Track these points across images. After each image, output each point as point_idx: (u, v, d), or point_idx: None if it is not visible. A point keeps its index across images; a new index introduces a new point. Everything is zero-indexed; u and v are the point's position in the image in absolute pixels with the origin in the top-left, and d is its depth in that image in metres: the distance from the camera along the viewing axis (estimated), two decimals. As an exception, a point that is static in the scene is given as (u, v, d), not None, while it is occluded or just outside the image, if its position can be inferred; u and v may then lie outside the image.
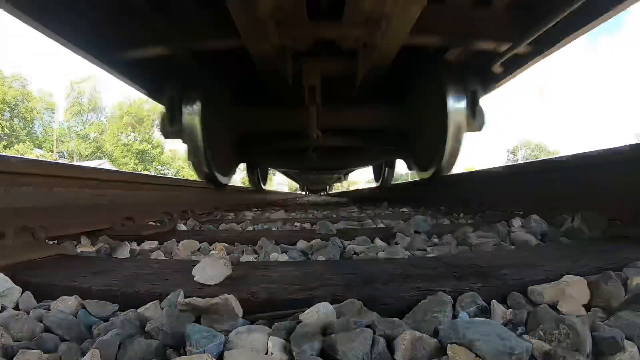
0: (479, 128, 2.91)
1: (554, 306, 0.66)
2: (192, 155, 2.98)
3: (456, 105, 2.75)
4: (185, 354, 0.55)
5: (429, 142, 3.17)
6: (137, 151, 35.82)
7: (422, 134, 3.33)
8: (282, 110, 3.42)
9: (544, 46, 2.67)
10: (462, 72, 2.87)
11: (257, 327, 0.62)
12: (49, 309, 0.71)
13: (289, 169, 7.66)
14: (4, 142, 31.05)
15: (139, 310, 0.68)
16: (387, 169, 6.21)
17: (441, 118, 2.81)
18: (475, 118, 2.82)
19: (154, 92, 3.33)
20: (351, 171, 9.31)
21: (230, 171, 3.77)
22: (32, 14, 2.07)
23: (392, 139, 3.87)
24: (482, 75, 2.93)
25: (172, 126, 2.82)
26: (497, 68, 2.84)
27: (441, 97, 2.75)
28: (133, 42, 2.58)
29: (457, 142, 2.87)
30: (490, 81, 3.21)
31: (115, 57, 2.70)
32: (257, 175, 6.06)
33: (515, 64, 2.93)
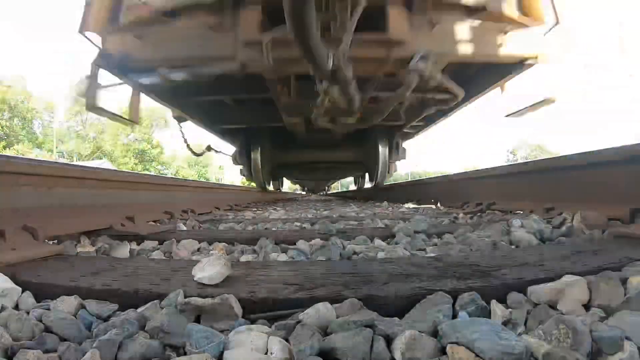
0: (401, 158, 5.94)
1: (553, 306, 0.66)
2: (254, 175, 5.90)
3: (383, 149, 5.46)
4: (185, 354, 0.56)
5: (372, 167, 5.93)
6: (136, 151, 35.83)
7: (370, 163, 5.99)
8: (298, 150, 6.24)
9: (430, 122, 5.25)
10: (390, 132, 5.41)
11: (256, 326, 0.62)
12: (49, 309, 0.71)
13: (300, 180, 13.26)
14: (3, 143, 31.02)
15: (138, 310, 0.68)
16: (360, 179, 10.00)
17: (376, 155, 5.53)
18: (398, 154, 5.68)
19: (237, 146, 6.06)
20: (338, 180, 16.50)
21: (270, 182, 7.57)
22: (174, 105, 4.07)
23: (357, 165, 6.70)
24: (401, 132, 5.58)
25: (242, 158, 5.86)
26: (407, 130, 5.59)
27: (377, 145, 5.51)
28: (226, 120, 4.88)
29: (385, 168, 5.62)
30: (406, 136, 6.14)
31: (218, 127, 5.20)
32: (278, 183, 10.13)
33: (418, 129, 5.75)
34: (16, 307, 0.75)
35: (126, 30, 2.67)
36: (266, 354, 0.55)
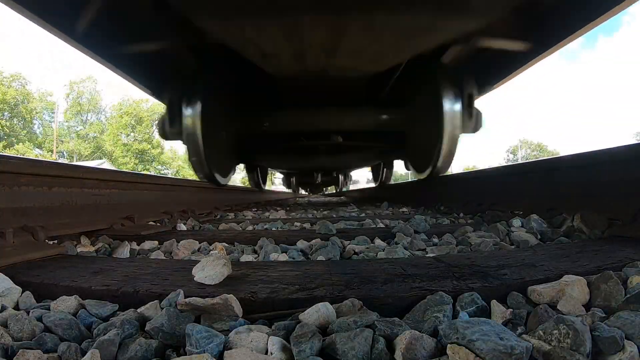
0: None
1: (553, 306, 0.66)
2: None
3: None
4: (185, 354, 0.56)
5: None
6: (136, 151, 35.84)
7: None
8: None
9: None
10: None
11: (257, 327, 0.62)
12: (49, 309, 0.71)
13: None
14: (3, 142, 31.04)
15: (138, 310, 0.68)
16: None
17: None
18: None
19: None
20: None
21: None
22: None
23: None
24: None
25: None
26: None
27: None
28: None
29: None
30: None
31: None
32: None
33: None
34: (16, 307, 0.75)
35: None
36: (266, 354, 0.55)
